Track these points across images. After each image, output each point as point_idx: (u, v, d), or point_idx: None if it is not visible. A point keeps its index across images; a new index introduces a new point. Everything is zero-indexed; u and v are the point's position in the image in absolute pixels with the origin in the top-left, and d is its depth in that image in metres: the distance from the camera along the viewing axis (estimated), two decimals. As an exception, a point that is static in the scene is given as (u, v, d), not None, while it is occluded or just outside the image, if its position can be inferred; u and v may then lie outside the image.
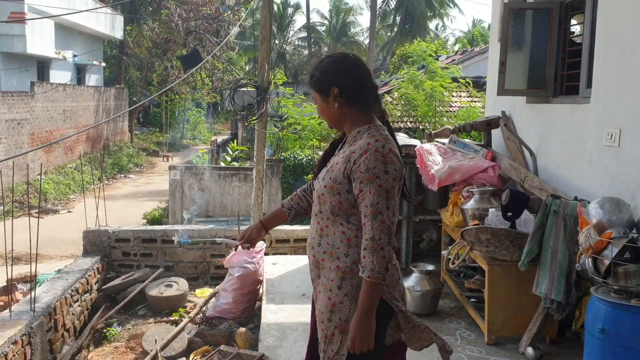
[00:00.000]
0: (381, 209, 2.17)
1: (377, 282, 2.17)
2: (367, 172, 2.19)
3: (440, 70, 11.96)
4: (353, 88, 2.33)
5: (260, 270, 6.20)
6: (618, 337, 2.84)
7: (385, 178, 2.19)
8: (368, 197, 2.19)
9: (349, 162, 2.26)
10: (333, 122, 2.44)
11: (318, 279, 2.42)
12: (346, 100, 2.34)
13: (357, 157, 2.23)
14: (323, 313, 2.36)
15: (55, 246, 10.06)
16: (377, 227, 2.17)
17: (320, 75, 2.37)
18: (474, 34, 33.58)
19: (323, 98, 2.38)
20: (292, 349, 4.22)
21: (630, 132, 3.75)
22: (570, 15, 5.02)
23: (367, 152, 2.21)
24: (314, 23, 38.21)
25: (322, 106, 2.40)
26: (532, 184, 4.43)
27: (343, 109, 2.35)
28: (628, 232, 2.99)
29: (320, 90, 2.37)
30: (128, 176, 19.62)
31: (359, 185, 2.22)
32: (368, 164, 2.19)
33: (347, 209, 2.30)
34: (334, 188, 2.29)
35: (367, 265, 2.17)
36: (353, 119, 2.37)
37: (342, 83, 2.33)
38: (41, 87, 16.34)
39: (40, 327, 5.23)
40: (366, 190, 2.20)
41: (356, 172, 2.22)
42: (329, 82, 2.34)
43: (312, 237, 2.44)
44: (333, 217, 2.33)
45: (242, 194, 11.87)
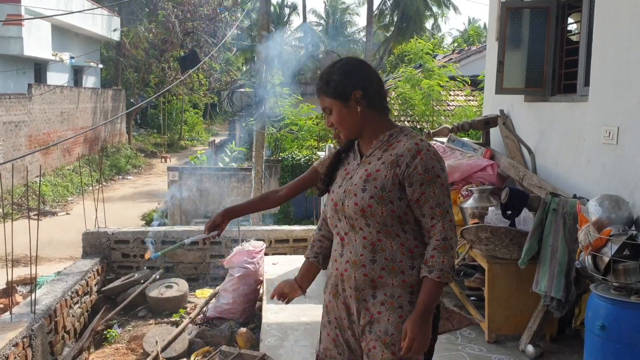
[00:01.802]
0: (447, 208, 2.12)
1: (445, 282, 2.09)
2: (426, 172, 2.09)
3: (438, 69, 11.98)
4: (375, 90, 2.22)
5: (261, 270, 6.20)
6: (618, 334, 2.86)
7: (444, 176, 2.13)
8: (432, 198, 2.10)
9: (397, 166, 2.12)
10: (354, 130, 2.25)
11: (373, 299, 2.18)
12: (368, 104, 2.20)
13: (409, 159, 2.11)
14: (391, 335, 2.14)
15: (54, 248, 10.06)
16: (448, 227, 2.10)
17: (340, 78, 2.20)
18: (470, 33, 33.62)
19: (343, 103, 2.20)
20: (293, 348, 4.23)
21: (628, 130, 3.76)
22: (567, 14, 5.03)
23: (421, 152, 2.11)
24: (311, 23, 38.24)
25: (342, 113, 2.21)
26: (531, 182, 4.45)
27: (365, 114, 2.21)
28: (627, 230, 3.01)
29: (339, 95, 2.19)
30: (126, 177, 19.62)
31: (419, 188, 2.10)
32: (426, 165, 2.10)
33: (401, 217, 2.14)
34: (383, 197, 2.12)
35: (437, 265, 2.08)
36: (375, 124, 2.23)
37: (364, 85, 2.20)
38: (38, 89, 16.33)
39: (41, 329, 5.23)
40: (429, 191, 2.10)
41: (413, 175, 2.10)
42: (350, 86, 2.18)
43: (358, 254, 2.18)
44: (386, 228, 2.14)
45: (240, 195, 11.89)
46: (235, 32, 18.26)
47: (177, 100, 27.56)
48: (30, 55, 17.10)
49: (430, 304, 2.10)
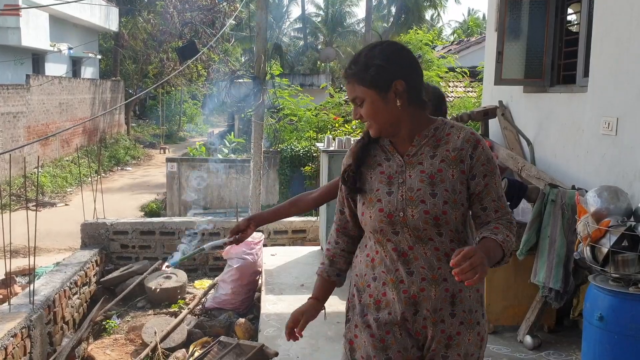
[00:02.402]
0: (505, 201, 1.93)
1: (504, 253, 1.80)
2: (488, 163, 1.89)
3: (437, 60, 11.95)
4: (419, 82, 1.92)
5: (259, 261, 6.21)
6: (616, 325, 2.87)
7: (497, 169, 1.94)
8: (494, 190, 1.89)
9: (461, 162, 1.87)
10: (389, 126, 1.92)
11: (451, 318, 1.90)
12: (410, 97, 1.88)
13: (471, 151, 1.87)
14: (472, 355, 1.94)
15: (53, 239, 10.06)
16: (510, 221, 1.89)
17: (383, 64, 1.85)
18: (469, 24, 33.54)
19: (381, 95, 1.86)
20: (291, 339, 4.24)
21: (628, 121, 3.75)
22: (566, 4, 5.01)
23: (480, 142, 1.89)
24: (309, 14, 38.06)
25: (378, 105, 1.87)
26: (529, 173, 4.44)
27: (405, 108, 1.89)
28: (626, 221, 3.01)
29: (378, 84, 1.85)
30: (125, 169, 19.60)
31: (483, 180, 1.88)
32: (487, 154, 1.89)
33: (464, 219, 1.91)
34: (457, 201, 1.86)
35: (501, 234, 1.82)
36: (415, 119, 1.92)
37: (408, 75, 1.88)
38: (36, 80, 16.27)
39: (40, 319, 5.24)
40: (491, 183, 1.89)
41: (477, 167, 1.87)
42: (392, 75, 1.85)
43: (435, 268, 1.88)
44: (458, 235, 1.89)
45: (239, 186, 11.89)
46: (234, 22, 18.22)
47: (175, 91, 27.50)
48: (28, 46, 17.02)
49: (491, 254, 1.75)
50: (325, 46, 33.58)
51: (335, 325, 4.38)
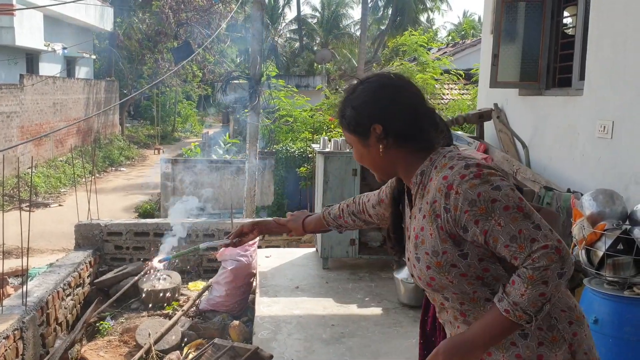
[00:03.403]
0: (531, 234, 1.49)
1: (516, 322, 1.52)
2: (473, 206, 1.52)
3: (432, 62, 11.96)
4: (402, 122, 1.68)
5: (254, 263, 6.19)
6: (611, 328, 2.87)
7: (504, 195, 1.51)
8: (501, 232, 1.51)
9: (437, 217, 1.59)
10: (381, 170, 1.77)
11: None
12: (394, 140, 1.68)
13: (443, 202, 1.57)
14: None
15: (46, 240, 10.01)
16: (542, 257, 1.47)
17: (352, 110, 1.71)
18: (464, 27, 33.62)
19: (361, 140, 1.72)
20: (286, 341, 4.23)
21: (623, 124, 3.76)
22: (562, 7, 5.03)
23: (452, 186, 1.55)
24: (305, 15, 38.09)
25: (362, 151, 1.74)
26: (524, 176, 4.45)
27: (391, 152, 1.69)
28: (621, 224, 3.01)
29: (356, 131, 1.71)
30: (119, 169, 19.54)
31: (477, 228, 1.53)
32: (468, 196, 1.53)
33: (481, 277, 1.60)
34: (441, 264, 1.60)
35: (512, 295, 1.51)
36: (409, 162, 1.70)
37: (386, 118, 1.67)
38: (30, 80, 16.20)
39: (33, 321, 5.20)
40: (492, 226, 1.51)
41: (461, 217, 1.54)
42: (367, 119, 1.68)
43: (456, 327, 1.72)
44: (468, 296, 1.63)
45: (234, 187, 11.87)
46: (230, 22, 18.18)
47: (170, 92, 27.46)
48: (22, 46, 16.96)
49: (481, 337, 1.56)
50: (321, 48, 33.59)
51: (331, 328, 4.37)
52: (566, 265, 1.49)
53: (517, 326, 1.53)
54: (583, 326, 1.67)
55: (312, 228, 2.26)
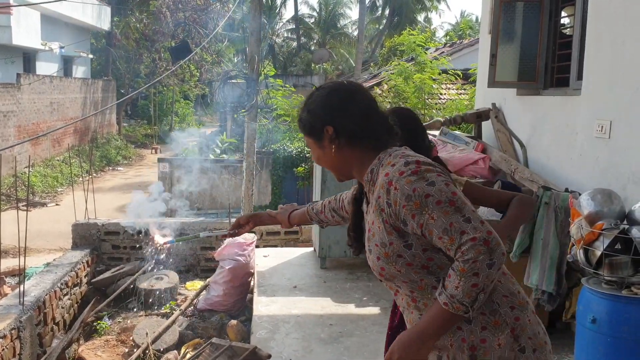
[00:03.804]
0: (461, 227, 1.59)
1: (455, 313, 1.63)
2: (409, 200, 1.63)
3: (430, 61, 11.96)
4: (352, 124, 1.82)
5: (251, 262, 6.19)
6: (609, 328, 2.87)
7: (437, 189, 1.62)
8: (434, 225, 1.62)
9: (382, 211, 1.71)
10: (336, 170, 1.91)
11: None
12: (346, 141, 1.82)
13: (385, 198, 1.69)
14: None
15: (43, 239, 9.98)
16: (470, 249, 1.57)
17: (307, 114, 1.87)
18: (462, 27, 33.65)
19: (316, 142, 1.86)
20: (284, 341, 4.22)
21: (621, 124, 3.77)
22: (560, 8, 5.03)
23: (392, 182, 1.67)
24: (303, 15, 38.07)
25: (318, 153, 1.88)
26: (522, 176, 4.45)
27: (344, 152, 1.83)
28: (619, 224, 3.01)
29: (311, 133, 1.86)
30: (117, 169, 19.50)
31: (414, 222, 1.65)
32: (405, 192, 1.64)
33: (426, 266, 1.71)
34: (389, 255, 1.72)
35: (449, 288, 1.62)
36: (361, 162, 1.84)
37: (337, 120, 1.82)
38: (27, 79, 16.15)
39: (30, 321, 5.19)
40: (426, 219, 1.63)
41: (400, 212, 1.66)
42: (320, 122, 1.83)
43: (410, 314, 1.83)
44: (418, 283, 1.74)
45: (231, 187, 11.85)
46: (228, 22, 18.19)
47: (167, 91, 27.41)
48: (19, 45, 16.91)
49: (428, 329, 1.69)
50: (319, 47, 33.59)
51: (329, 327, 4.37)
52: (494, 256, 1.57)
53: (457, 317, 1.64)
54: (526, 312, 1.74)
55: (297, 221, 2.45)
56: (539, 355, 1.71)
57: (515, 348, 1.68)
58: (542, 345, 1.73)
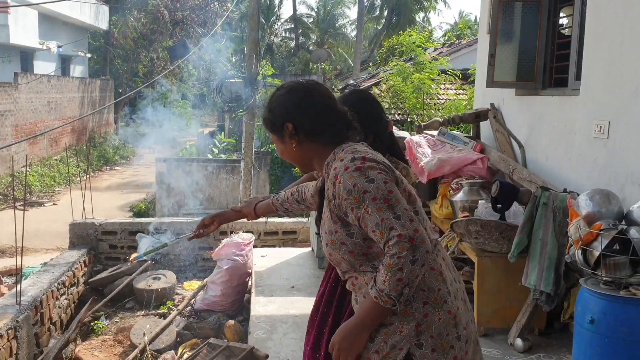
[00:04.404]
0: (390, 223, 1.73)
1: (384, 306, 1.77)
2: (349, 195, 1.78)
3: (429, 62, 11.96)
4: (310, 120, 1.96)
5: (249, 262, 6.18)
6: (607, 328, 2.86)
7: (374, 187, 1.77)
8: (369, 219, 1.76)
9: (330, 202, 1.87)
10: (299, 163, 2.07)
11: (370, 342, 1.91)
12: (305, 136, 1.97)
13: (332, 190, 1.84)
14: None
15: (40, 239, 9.96)
16: (395, 244, 1.71)
17: (269, 112, 2.02)
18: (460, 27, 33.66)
19: (279, 138, 2.01)
20: (282, 341, 4.21)
21: (619, 124, 3.76)
22: (559, 8, 5.03)
23: (338, 176, 1.82)
24: (301, 14, 38.05)
25: (281, 147, 2.04)
26: (521, 176, 4.44)
27: (304, 147, 1.98)
28: (617, 224, 3.00)
29: (273, 130, 2.02)
30: (114, 168, 19.48)
31: (354, 214, 1.80)
32: (346, 186, 1.79)
33: (365, 253, 1.87)
34: (335, 242, 1.88)
35: (378, 282, 1.76)
36: (320, 155, 1.98)
37: (296, 116, 1.96)
38: (25, 78, 16.12)
39: (27, 320, 5.18)
40: (362, 213, 1.77)
41: (342, 204, 1.81)
42: (280, 119, 1.98)
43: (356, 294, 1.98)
44: (357, 269, 1.90)
45: (229, 186, 11.83)
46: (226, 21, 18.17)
47: (165, 91, 27.38)
48: (17, 44, 16.87)
49: (362, 321, 1.82)
50: (317, 47, 33.57)
51: (326, 327, 4.36)
52: (417, 253, 1.71)
53: (387, 310, 1.77)
54: (440, 310, 1.83)
55: (262, 212, 2.57)
56: (437, 356, 1.80)
57: (412, 341, 1.80)
58: (444, 347, 1.81)
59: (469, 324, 1.92)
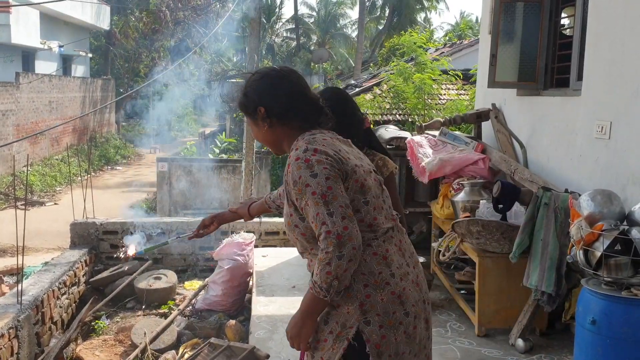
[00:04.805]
0: (323, 219, 1.85)
1: (318, 297, 1.90)
2: (295, 185, 1.91)
3: (430, 62, 11.94)
4: (281, 104, 2.05)
5: (250, 262, 6.17)
6: (609, 329, 2.86)
7: (316, 182, 1.87)
8: (308, 210, 1.89)
9: (285, 187, 2.00)
10: (271, 146, 2.17)
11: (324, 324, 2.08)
12: (277, 119, 2.06)
13: (285, 177, 1.97)
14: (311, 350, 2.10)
15: (42, 238, 9.97)
16: (324, 239, 1.85)
17: (243, 96, 2.11)
18: (461, 27, 33.63)
19: (252, 121, 2.12)
20: (283, 341, 4.21)
21: (621, 125, 3.76)
22: (560, 8, 5.02)
23: (290, 165, 1.93)
24: (302, 15, 38.05)
25: (255, 130, 2.15)
26: (522, 177, 4.44)
27: (275, 129, 2.08)
28: (619, 225, 3.00)
29: (247, 112, 2.12)
30: (115, 168, 19.49)
31: (298, 203, 1.93)
32: (293, 177, 1.91)
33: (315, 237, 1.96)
34: (290, 223, 2.02)
35: (314, 274, 1.91)
36: (290, 139, 2.07)
37: (268, 100, 2.06)
38: (26, 78, 16.14)
39: (28, 320, 5.18)
40: (304, 204, 1.90)
41: (291, 192, 1.94)
42: (253, 102, 2.08)
43: None
44: (309, 250, 2.04)
45: (230, 186, 11.84)
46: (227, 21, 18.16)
47: (166, 91, 27.38)
48: (18, 43, 16.89)
49: (304, 310, 1.97)
50: (318, 47, 33.57)
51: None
52: (344, 250, 1.83)
53: (322, 300, 1.90)
54: (382, 292, 1.95)
55: (256, 212, 2.63)
56: (386, 332, 1.94)
57: (360, 319, 1.93)
58: (392, 324, 1.95)
59: (419, 303, 2.03)
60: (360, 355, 1.94)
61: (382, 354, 1.94)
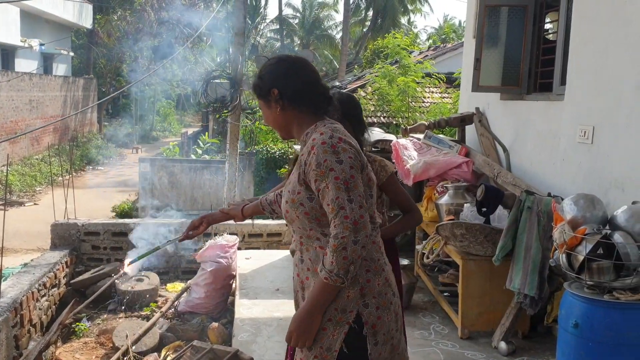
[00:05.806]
0: (342, 204, 1.93)
1: (334, 285, 1.96)
2: (318, 167, 1.97)
3: (414, 65, 12.00)
4: (294, 88, 2.14)
5: (233, 264, 6.14)
6: (591, 332, 2.88)
7: (340, 168, 1.95)
8: (327, 193, 1.96)
9: (301, 166, 2.06)
10: (280, 129, 2.25)
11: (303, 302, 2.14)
12: (289, 103, 2.15)
13: (306, 157, 2.02)
14: None
15: (21, 239, 9.82)
16: (340, 224, 1.92)
17: (258, 79, 2.21)
18: (445, 31, 33.81)
19: (265, 103, 2.20)
20: (266, 344, 4.19)
21: (604, 129, 3.80)
22: (544, 13, 5.06)
23: (314, 147, 2.00)
24: (287, 15, 38.01)
25: (267, 113, 2.23)
26: (505, 180, 4.47)
27: (287, 112, 2.16)
28: (602, 229, 3.02)
29: (261, 94, 2.20)
30: (97, 168, 19.28)
31: (316, 185, 2.00)
32: (318, 159, 1.97)
33: (319, 219, 2.06)
34: (295, 200, 2.07)
35: (326, 264, 1.95)
36: (300, 123, 2.17)
37: (282, 84, 2.15)
38: (5, 76, 15.90)
39: (6, 322, 5.09)
40: (323, 187, 1.97)
41: (310, 173, 2.00)
42: (268, 85, 2.17)
43: (296, 254, 2.22)
44: (307, 231, 2.11)
45: (213, 187, 11.76)
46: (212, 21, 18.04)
47: (149, 90, 27.19)
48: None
49: (315, 303, 2.00)
50: (302, 48, 33.55)
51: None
52: (359, 235, 1.92)
53: (337, 288, 1.98)
54: (379, 277, 2.08)
55: (249, 213, 2.64)
56: (381, 313, 2.05)
57: (360, 302, 2.03)
58: (385, 304, 2.07)
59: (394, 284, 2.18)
60: (357, 337, 2.03)
61: (377, 334, 2.05)
